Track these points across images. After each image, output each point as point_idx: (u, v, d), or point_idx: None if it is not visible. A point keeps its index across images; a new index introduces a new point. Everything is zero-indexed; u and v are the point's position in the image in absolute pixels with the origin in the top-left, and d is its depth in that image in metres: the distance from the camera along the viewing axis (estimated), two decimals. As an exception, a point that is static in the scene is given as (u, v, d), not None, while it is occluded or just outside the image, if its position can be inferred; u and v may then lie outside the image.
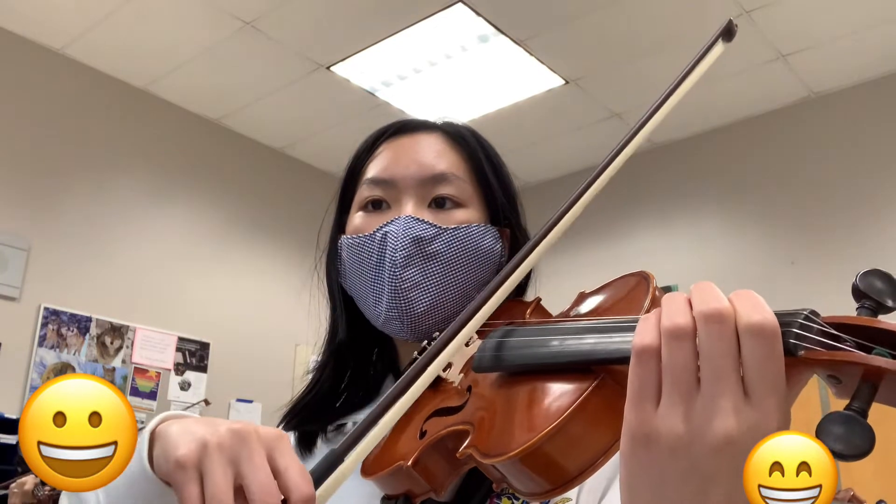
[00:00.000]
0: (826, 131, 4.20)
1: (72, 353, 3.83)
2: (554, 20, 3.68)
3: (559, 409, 0.50)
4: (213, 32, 3.82)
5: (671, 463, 0.43)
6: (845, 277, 0.49)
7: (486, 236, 0.80)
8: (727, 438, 0.41)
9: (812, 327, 0.42)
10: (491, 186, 0.83)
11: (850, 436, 0.38)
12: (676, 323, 0.43)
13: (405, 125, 0.86)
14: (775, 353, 0.41)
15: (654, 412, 0.43)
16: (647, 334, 0.44)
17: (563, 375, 0.53)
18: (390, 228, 0.77)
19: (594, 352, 0.52)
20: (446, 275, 0.77)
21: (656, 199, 4.67)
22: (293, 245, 4.67)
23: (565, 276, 0.93)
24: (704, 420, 0.41)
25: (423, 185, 0.79)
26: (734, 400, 0.41)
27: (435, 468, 0.62)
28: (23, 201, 3.81)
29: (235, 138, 4.78)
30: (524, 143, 4.69)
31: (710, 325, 0.42)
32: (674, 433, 0.42)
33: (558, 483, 0.51)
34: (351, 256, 0.81)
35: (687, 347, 0.42)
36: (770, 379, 0.41)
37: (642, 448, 0.43)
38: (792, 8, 3.53)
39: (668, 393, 0.43)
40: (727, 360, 0.41)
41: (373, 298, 0.78)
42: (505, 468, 0.52)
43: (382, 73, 4.12)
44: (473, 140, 0.85)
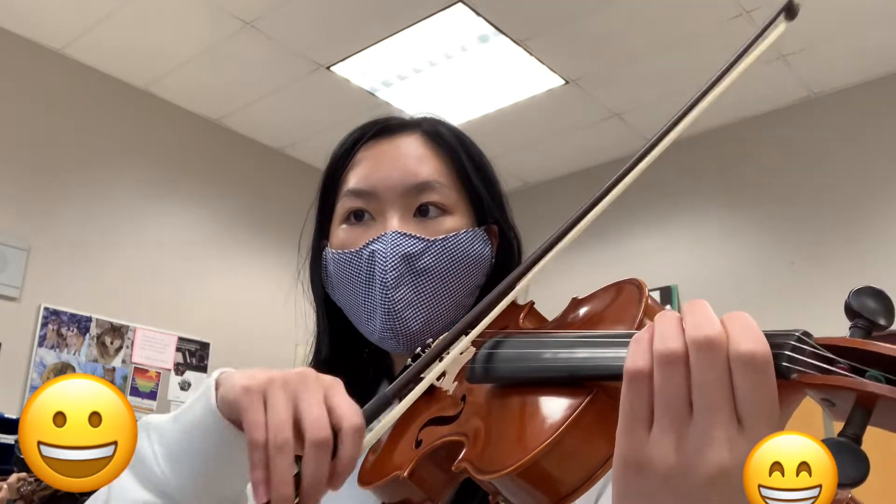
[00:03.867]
0: (826, 131, 4.19)
1: (72, 353, 3.83)
2: (554, 20, 3.68)
3: (553, 425, 0.50)
4: (213, 32, 3.82)
5: (663, 491, 0.42)
6: (845, 278, 0.49)
7: (475, 242, 0.79)
8: (721, 470, 0.40)
9: (805, 349, 0.41)
10: (475, 187, 0.81)
11: (843, 465, 0.38)
12: (669, 348, 0.42)
13: (385, 127, 0.84)
14: (767, 383, 0.41)
15: (647, 438, 0.43)
16: (639, 358, 0.43)
17: (556, 389, 0.53)
18: (377, 247, 0.75)
19: (585, 367, 0.51)
20: (438, 288, 0.76)
21: (656, 199, 4.67)
22: (293, 245, 4.66)
23: (565, 276, 0.94)
24: (697, 450, 0.41)
25: (407, 194, 0.77)
26: (727, 431, 0.41)
27: (431, 478, 0.62)
28: (23, 201, 3.81)
29: (235, 138, 4.78)
30: (524, 143, 4.69)
31: (703, 352, 0.41)
32: (666, 462, 0.42)
33: (555, 498, 0.50)
34: (338, 272, 0.79)
35: (679, 374, 0.42)
36: (763, 407, 0.41)
37: (634, 474, 0.43)
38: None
39: (659, 419, 0.42)
40: (720, 390, 0.41)
41: (365, 316, 0.77)
42: (500, 484, 0.52)
43: (382, 73, 4.12)
44: (454, 139, 0.83)
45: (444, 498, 0.63)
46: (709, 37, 3.74)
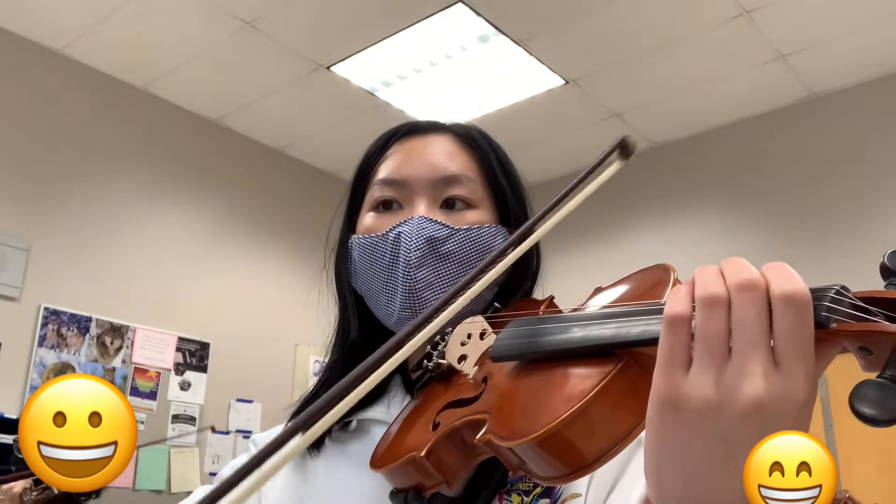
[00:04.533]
0: (826, 131, 4.19)
1: (72, 353, 3.83)
2: (554, 20, 3.68)
3: (582, 391, 0.50)
4: (213, 32, 3.82)
5: (699, 428, 0.43)
6: (845, 278, 0.49)
7: (497, 237, 0.81)
8: (756, 402, 0.41)
9: (843, 300, 0.43)
10: (501, 188, 0.84)
11: (885, 400, 0.39)
12: (711, 292, 0.44)
13: (416, 126, 0.87)
14: (806, 322, 0.42)
15: (685, 377, 0.43)
16: (677, 304, 0.44)
17: (584, 360, 0.53)
18: (404, 229, 0.78)
19: (618, 335, 0.51)
20: (458, 274, 0.77)
21: (656, 199, 4.67)
22: (294, 245, 4.67)
23: (565, 276, 0.93)
24: (734, 384, 0.42)
25: (435, 186, 0.80)
26: (764, 365, 0.42)
27: (448, 459, 0.61)
28: (23, 201, 3.81)
29: (235, 138, 4.78)
30: (524, 143, 4.69)
31: (744, 293, 0.43)
32: (704, 398, 0.43)
33: (576, 467, 0.50)
34: (363, 256, 0.81)
35: (721, 315, 0.43)
36: (800, 347, 0.42)
37: (671, 413, 0.44)
38: (792, 8, 3.53)
39: (699, 358, 0.43)
40: (759, 325, 0.42)
41: (385, 298, 0.79)
42: (524, 452, 0.52)
43: (382, 73, 4.12)
44: (484, 141, 0.86)
45: (459, 480, 0.63)
46: (709, 37, 3.74)
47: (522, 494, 0.67)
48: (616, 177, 0.59)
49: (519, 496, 0.67)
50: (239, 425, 4.40)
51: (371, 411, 0.81)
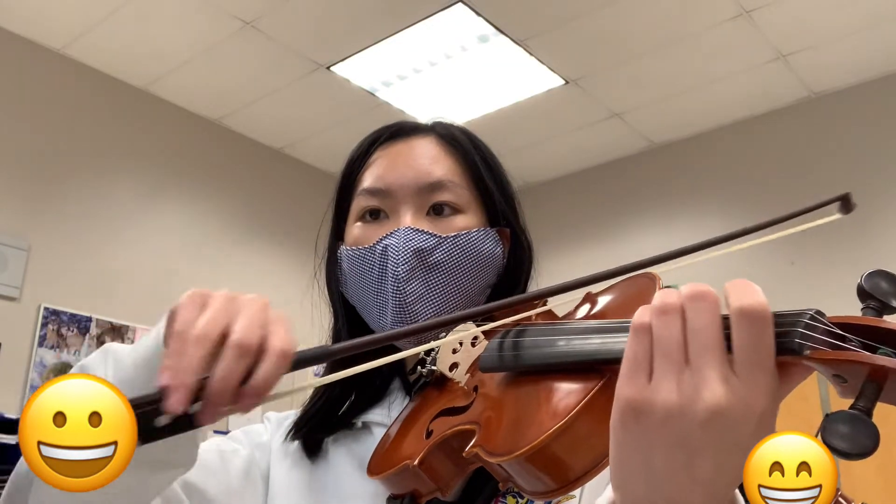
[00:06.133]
0: (826, 131, 4.19)
1: (72, 353, 3.83)
2: (554, 20, 3.68)
3: (566, 407, 0.50)
4: (213, 32, 3.82)
5: (661, 435, 0.43)
6: (845, 278, 0.50)
7: (487, 241, 0.80)
8: (716, 408, 0.42)
9: (818, 327, 0.43)
10: (488, 189, 0.83)
11: (856, 434, 0.38)
12: (665, 301, 0.45)
13: (399, 130, 0.86)
14: (765, 334, 0.42)
15: (647, 384, 0.44)
16: (644, 314, 0.46)
17: (569, 375, 0.53)
18: (391, 241, 0.77)
19: (600, 352, 0.52)
20: (449, 284, 0.77)
21: (656, 199, 4.67)
22: (294, 245, 4.67)
23: (565, 276, 0.93)
24: (694, 390, 0.43)
25: (421, 193, 0.79)
26: (721, 371, 0.42)
27: (441, 467, 0.62)
28: (23, 201, 3.81)
29: (235, 138, 4.78)
30: (524, 143, 4.68)
31: (695, 302, 0.44)
32: (665, 404, 0.43)
33: (563, 482, 0.51)
34: (352, 268, 0.81)
35: (674, 321, 0.44)
36: (760, 358, 0.42)
37: (633, 420, 0.44)
38: (792, 8, 3.53)
39: (658, 365, 0.44)
40: (711, 332, 0.43)
41: (377, 311, 0.78)
42: (511, 467, 0.52)
43: (382, 73, 4.12)
44: (468, 142, 0.85)
45: (453, 488, 0.63)
46: (709, 37, 3.74)
47: (518, 497, 0.68)
48: (616, 177, 0.59)
49: (514, 498, 0.67)
50: (238, 425, 4.39)
51: (372, 414, 0.82)
